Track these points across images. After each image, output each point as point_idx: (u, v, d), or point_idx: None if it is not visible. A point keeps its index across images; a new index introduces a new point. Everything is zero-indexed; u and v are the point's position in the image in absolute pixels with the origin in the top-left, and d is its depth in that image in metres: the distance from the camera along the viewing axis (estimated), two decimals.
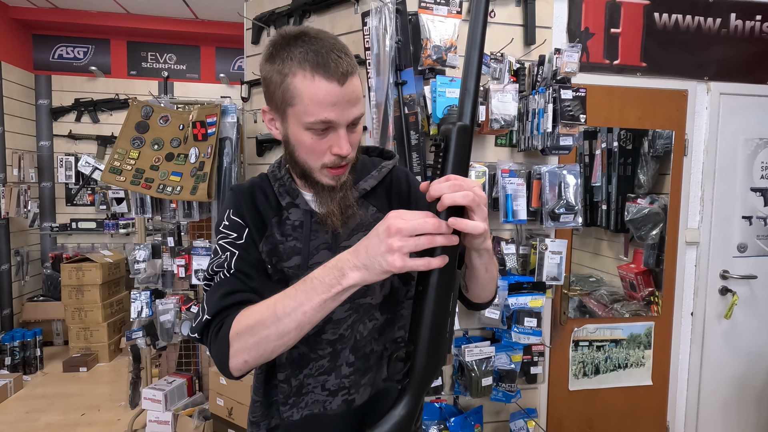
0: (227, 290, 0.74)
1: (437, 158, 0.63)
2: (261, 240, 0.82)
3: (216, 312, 0.73)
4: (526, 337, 1.65)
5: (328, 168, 0.76)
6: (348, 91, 0.71)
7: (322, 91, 0.70)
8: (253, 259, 0.80)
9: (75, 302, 3.62)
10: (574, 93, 1.65)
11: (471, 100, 0.63)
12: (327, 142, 0.74)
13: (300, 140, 0.75)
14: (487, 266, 0.75)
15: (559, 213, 1.71)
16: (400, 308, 0.89)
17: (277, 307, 0.67)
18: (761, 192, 2.17)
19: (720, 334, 2.20)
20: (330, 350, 0.83)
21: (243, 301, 0.73)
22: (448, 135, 0.62)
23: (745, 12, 2.08)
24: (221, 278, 0.77)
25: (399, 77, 1.60)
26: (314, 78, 0.70)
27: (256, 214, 0.83)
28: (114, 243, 4.27)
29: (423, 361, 0.64)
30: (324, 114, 0.71)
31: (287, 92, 0.72)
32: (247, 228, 0.81)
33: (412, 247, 0.59)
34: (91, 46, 4.24)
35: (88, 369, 3.54)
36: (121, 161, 2.25)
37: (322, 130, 0.73)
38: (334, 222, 0.80)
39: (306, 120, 0.72)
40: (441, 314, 0.64)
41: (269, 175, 0.87)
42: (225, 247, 0.80)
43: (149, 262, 2.43)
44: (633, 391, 2.12)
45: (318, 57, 0.70)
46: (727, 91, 2.09)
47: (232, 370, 0.70)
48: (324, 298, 0.64)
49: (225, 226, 0.83)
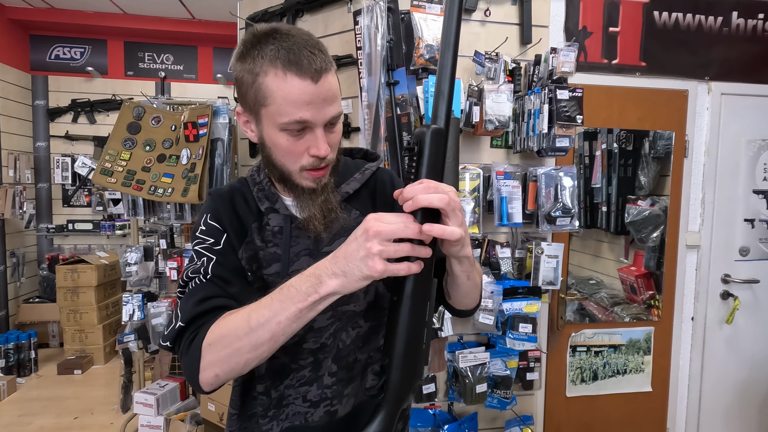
0: (203, 296, 0.70)
1: (411, 163, 0.60)
2: (240, 246, 0.78)
3: (190, 319, 0.69)
4: (520, 344, 1.61)
5: (307, 170, 0.73)
6: (323, 89, 0.68)
7: (295, 90, 0.67)
8: (231, 265, 0.76)
9: (70, 304, 3.60)
10: (570, 93, 1.61)
11: (445, 103, 0.60)
12: (304, 143, 0.71)
13: (275, 142, 0.72)
14: (468, 274, 0.71)
15: (556, 216, 1.67)
16: (384, 315, 0.85)
17: (251, 316, 0.63)
18: (764, 194, 2.13)
19: (721, 339, 2.15)
20: (311, 360, 0.80)
21: (220, 306, 0.70)
22: (421, 139, 0.59)
23: (748, 10, 2.03)
24: (197, 284, 0.73)
25: (391, 77, 1.57)
26: (286, 76, 0.67)
27: (236, 219, 0.80)
28: (111, 244, 4.25)
29: (398, 374, 0.61)
30: (298, 114, 0.68)
31: (259, 92, 0.69)
32: (225, 233, 0.78)
33: (392, 253, 0.55)
34: (88, 47, 4.22)
35: (82, 371, 3.51)
36: (113, 163, 2.22)
37: (297, 130, 0.70)
38: (316, 226, 0.76)
39: (280, 120, 0.69)
40: (417, 325, 0.61)
41: (248, 180, 0.84)
42: (201, 253, 0.76)
43: (141, 264, 2.40)
44: (632, 398, 2.07)
45: (290, 54, 0.67)
46: (729, 92, 2.04)
47: (202, 384, 0.67)
48: (300, 307, 0.60)
49: (202, 231, 0.79)
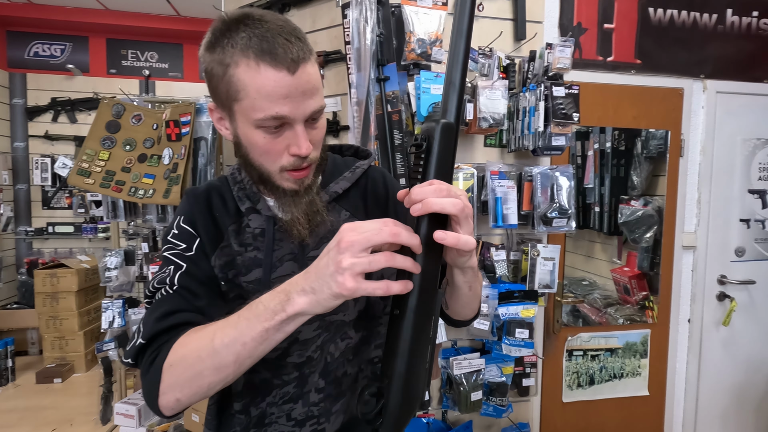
0: (166, 310, 0.64)
1: (418, 160, 0.54)
2: (214, 252, 0.72)
3: (151, 336, 0.63)
4: (517, 350, 1.55)
5: (287, 171, 0.66)
6: (301, 80, 0.61)
7: (269, 82, 0.60)
8: (202, 275, 0.69)
9: (49, 310, 3.47)
10: (566, 90, 1.56)
11: (456, 95, 0.54)
12: (283, 141, 0.64)
13: (251, 140, 0.65)
14: (471, 284, 0.65)
15: (552, 217, 1.62)
16: (376, 324, 0.79)
17: (215, 336, 0.56)
18: (759, 194, 2.10)
19: (718, 341, 2.12)
20: (296, 375, 0.73)
21: (184, 322, 0.63)
22: (430, 134, 0.53)
23: (742, 7, 2.01)
24: (162, 295, 0.67)
25: (381, 73, 1.50)
26: (259, 67, 0.60)
27: (211, 223, 0.73)
28: (93, 247, 4.12)
29: (399, 397, 0.54)
30: (275, 108, 0.61)
31: (231, 85, 0.62)
32: (198, 238, 0.71)
33: (366, 265, 0.49)
34: (68, 44, 4.09)
35: (62, 380, 3.38)
36: (90, 163, 2.12)
37: (275, 127, 0.63)
38: (300, 231, 0.70)
39: (255, 116, 0.62)
40: (420, 342, 0.54)
41: (228, 178, 0.77)
42: (170, 260, 0.69)
43: (122, 269, 2.30)
44: (629, 402, 2.03)
45: (263, 42, 0.60)
46: (724, 90, 2.02)
47: (162, 408, 0.60)
48: (266, 326, 0.54)
49: (174, 235, 0.72)
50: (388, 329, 0.55)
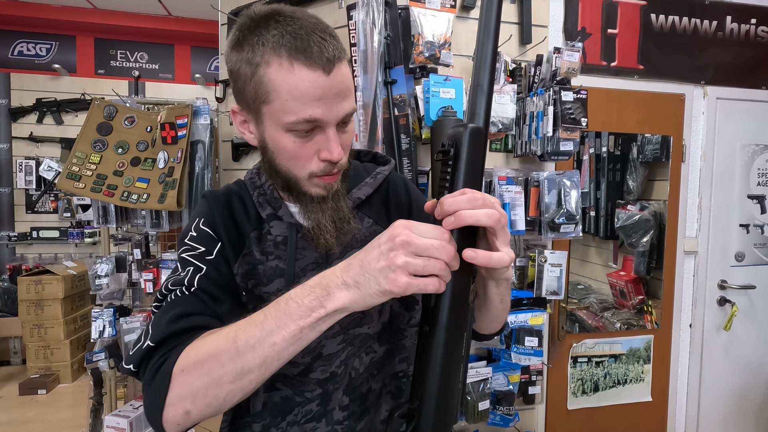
0: (182, 311, 0.58)
1: (445, 168, 0.51)
2: (237, 259, 0.67)
3: (162, 338, 0.56)
4: (527, 358, 1.53)
5: (317, 176, 0.62)
6: (336, 81, 0.58)
7: (303, 83, 0.56)
8: (223, 280, 0.64)
9: (34, 318, 3.34)
10: (575, 95, 1.55)
11: (485, 98, 0.52)
12: (313, 145, 0.61)
13: (280, 145, 0.61)
14: (503, 297, 0.62)
15: (560, 223, 1.60)
16: (401, 337, 0.76)
17: (238, 336, 0.51)
18: (758, 199, 2.12)
19: (719, 346, 2.13)
20: (320, 392, 0.69)
21: (201, 326, 0.58)
22: (458, 140, 0.50)
23: (741, 15, 2.03)
24: (177, 296, 0.60)
25: (388, 76, 1.47)
26: (293, 66, 0.56)
27: (233, 227, 0.68)
28: (79, 253, 3.99)
29: (431, 419, 0.51)
30: (308, 111, 0.57)
31: (260, 86, 0.58)
32: (219, 242, 0.66)
33: (420, 268, 0.46)
34: (54, 43, 3.97)
35: (47, 391, 3.25)
36: (81, 166, 2.04)
37: (306, 131, 0.59)
38: (327, 240, 0.66)
39: (286, 120, 0.58)
40: (452, 360, 0.51)
41: (247, 183, 0.73)
42: (188, 261, 0.63)
43: (113, 276, 2.22)
44: (633, 408, 2.02)
45: (296, 40, 0.56)
46: (724, 96, 2.03)
47: (166, 422, 0.52)
48: (301, 325, 0.49)
49: (192, 237, 0.67)
50: (418, 347, 0.52)
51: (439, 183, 0.51)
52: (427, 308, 0.52)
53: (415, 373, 0.52)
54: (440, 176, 0.52)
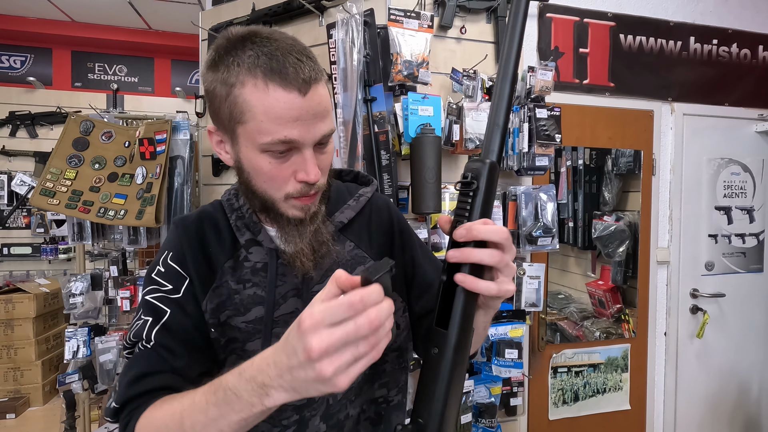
0: (139, 372, 0.61)
1: (465, 198, 0.55)
2: (205, 295, 0.67)
3: (123, 402, 0.60)
4: (507, 370, 1.54)
5: (293, 198, 0.62)
6: (313, 102, 0.58)
7: (279, 104, 0.56)
8: (187, 323, 0.64)
9: (3, 339, 3.21)
10: (549, 112, 1.60)
11: (500, 135, 0.56)
12: (290, 166, 0.61)
13: (256, 166, 0.61)
14: (486, 325, 0.64)
15: (537, 236, 1.64)
16: (381, 362, 0.75)
17: (184, 419, 0.51)
18: (725, 210, 2.21)
19: (693, 353, 2.19)
20: (296, 418, 0.68)
21: (158, 388, 0.60)
22: (478, 173, 0.54)
23: (703, 36, 2.14)
24: (139, 350, 0.63)
25: (368, 93, 1.49)
26: (268, 87, 0.57)
27: (203, 261, 0.68)
28: (53, 270, 3.86)
29: None
30: (283, 132, 0.57)
31: (235, 107, 0.58)
32: (187, 279, 0.66)
33: (351, 361, 0.42)
34: (29, 55, 3.89)
35: (16, 415, 3.12)
36: (55, 182, 2.00)
37: (281, 152, 0.59)
38: (304, 263, 0.66)
39: (261, 140, 0.58)
40: (457, 381, 0.54)
41: (224, 204, 0.72)
42: (150, 305, 0.64)
43: (88, 294, 2.16)
44: (612, 417, 2.06)
45: (272, 61, 0.57)
46: (690, 112, 2.13)
47: None
48: (244, 416, 0.48)
49: (159, 273, 0.67)
50: (424, 367, 0.54)
51: (457, 210, 0.55)
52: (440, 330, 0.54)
53: (421, 392, 0.54)
54: (459, 204, 0.55)
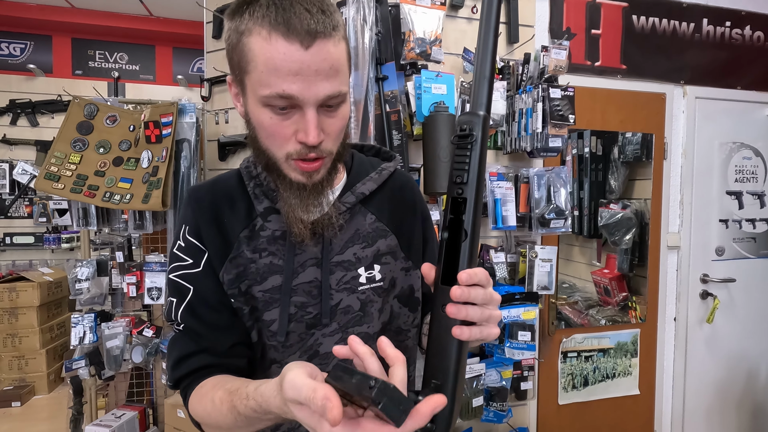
0: (177, 356, 0.67)
1: (463, 152, 0.53)
2: (222, 266, 0.66)
3: (174, 382, 0.68)
4: (520, 353, 1.53)
5: (294, 159, 0.60)
6: (317, 57, 0.54)
7: (279, 55, 0.54)
8: (210, 298, 0.66)
9: (7, 327, 3.20)
10: (562, 92, 1.57)
11: (487, 86, 0.55)
12: (291, 125, 0.58)
13: (258, 120, 0.59)
14: None
15: (550, 218, 1.62)
16: (403, 338, 0.75)
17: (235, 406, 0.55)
18: (736, 195, 2.19)
19: (702, 339, 2.18)
20: None
21: (196, 369, 0.66)
22: (472, 125, 0.53)
23: (716, 17, 2.10)
24: (174, 332, 0.70)
25: (379, 72, 1.47)
26: (270, 37, 0.54)
27: (217, 233, 0.67)
28: (56, 259, 3.85)
29: (451, 396, 0.53)
30: (282, 86, 0.54)
31: (243, 55, 0.57)
32: (206, 253, 0.67)
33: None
34: (29, 43, 3.84)
35: (22, 403, 3.11)
36: (60, 166, 1.97)
37: (282, 108, 0.56)
38: (301, 231, 0.64)
39: (261, 93, 0.56)
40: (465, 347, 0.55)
41: (243, 172, 0.70)
42: (174, 284, 0.68)
43: (94, 280, 2.14)
44: (621, 402, 2.05)
45: (280, 11, 0.54)
46: (702, 95, 2.10)
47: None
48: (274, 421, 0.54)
49: (180, 247, 0.68)
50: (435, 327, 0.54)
51: (455, 165, 0.54)
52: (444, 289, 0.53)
53: (433, 353, 0.53)
54: (456, 158, 0.54)
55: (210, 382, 0.62)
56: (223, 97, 2.05)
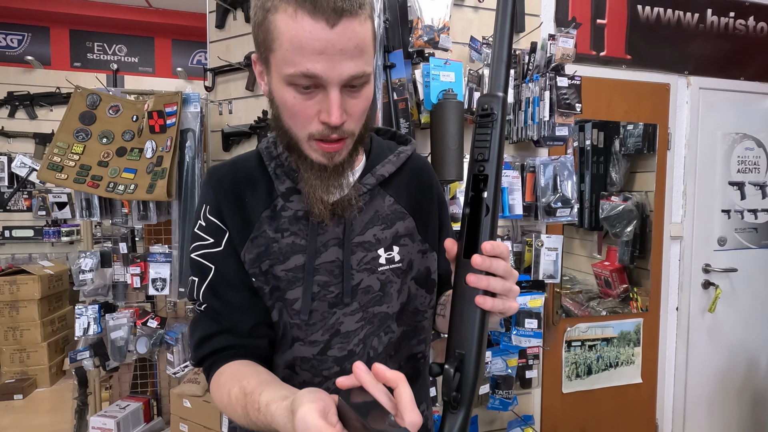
0: (199, 336, 0.68)
1: (486, 128, 0.55)
2: (243, 246, 0.66)
3: (198, 361, 0.69)
4: (527, 340, 1.54)
5: (316, 140, 0.60)
6: (342, 36, 0.54)
7: (304, 33, 0.53)
8: (232, 277, 0.67)
9: (8, 320, 3.19)
10: (569, 80, 1.57)
11: (504, 69, 0.57)
12: (315, 105, 0.58)
13: (282, 99, 0.59)
14: None
15: (556, 207, 1.62)
16: (420, 318, 0.75)
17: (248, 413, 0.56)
18: (738, 186, 2.21)
19: (704, 328, 2.20)
20: (337, 370, 0.68)
21: (219, 349, 0.67)
22: (492, 105, 0.55)
23: (720, 8, 2.11)
24: (197, 313, 0.70)
25: (387, 60, 1.46)
26: (296, 14, 0.53)
27: (238, 213, 0.67)
28: (55, 253, 3.83)
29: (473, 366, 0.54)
30: (306, 65, 0.54)
31: (268, 33, 0.56)
32: (227, 232, 0.67)
33: None
34: (27, 34, 3.80)
35: (24, 396, 3.11)
36: (63, 156, 1.96)
37: (306, 87, 0.56)
38: (321, 211, 0.64)
39: (286, 71, 0.55)
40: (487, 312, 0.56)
41: (263, 152, 0.70)
42: (196, 264, 0.68)
43: (98, 271, 2.13)
44: (624, 391, 2.07)
45: None
46: (706, 86, 2.11)
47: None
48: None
49: (201, 227, 0.68)
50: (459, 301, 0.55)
51: (477, 143, 0.56)
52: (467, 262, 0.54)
53: (456, 325, 0.54)
54: (478, 137, 0.55)
55: (229, 370, 0.63)
56: (227, 88, 2.04)
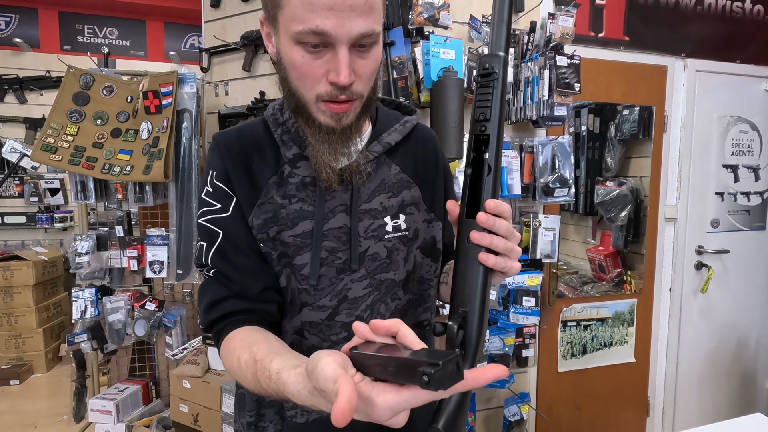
0: (209, 301, 0.67)
1: (487, 88, 0.54)
2: (251, 211, 0.66)
3: (207, 326, 0.68)
4: (524, 318, 1.56)
5: (324, 101, 0.59)
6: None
7: None
8: (240, 242, 0.66)
9: (3, 306, 3.17)
10: (569, 60, 1.57)
11: (505, 29, 0.56)
12: (323, 64, 0.57)
13: (290, 59, 0.58)
14: None
15: (554, 187, 1.63)
16: (427, 287, 0.76)
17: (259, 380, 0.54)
18: (732, 168, 2.23)
19: (696, 309, 2.24)
20: (345, 335, 0.69)
21: (228, 313, 0.66)
22: (493, 65, 0.55)
23: None
24: (206, 277, 0.69)
25: (387, 37, 1.45)
26: None
27: (246, 179, 0.67)
28: (49, 239, 3.79)
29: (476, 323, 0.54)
30: (315, 21, 0.53)
31: None
32: (234, 198, 0.67)
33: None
34: (14, 16, 3.71)
35: (20, 382, 3.11)
36: (57, 137, 1.93)
37: (314, 45, 0.55)
38: (329, 176, 0.64)
39: (294, 29, 0.55)
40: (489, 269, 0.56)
41: (269, 119, 0.70)
42: (204, 229, 0.67)
43: (94, 254, 2.12)
44: (617, 370, 2.11)
45: None
46: (703, 68, 2.11)
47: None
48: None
49: (208, 193, 0.68)
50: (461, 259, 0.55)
51: (478, 103, 0.55)
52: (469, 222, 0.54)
53: (460, 285, 0.54)
54: (480, 96, 0.55)
55: (238, 336, 0.62)
56: (223, 69, 2.02)
